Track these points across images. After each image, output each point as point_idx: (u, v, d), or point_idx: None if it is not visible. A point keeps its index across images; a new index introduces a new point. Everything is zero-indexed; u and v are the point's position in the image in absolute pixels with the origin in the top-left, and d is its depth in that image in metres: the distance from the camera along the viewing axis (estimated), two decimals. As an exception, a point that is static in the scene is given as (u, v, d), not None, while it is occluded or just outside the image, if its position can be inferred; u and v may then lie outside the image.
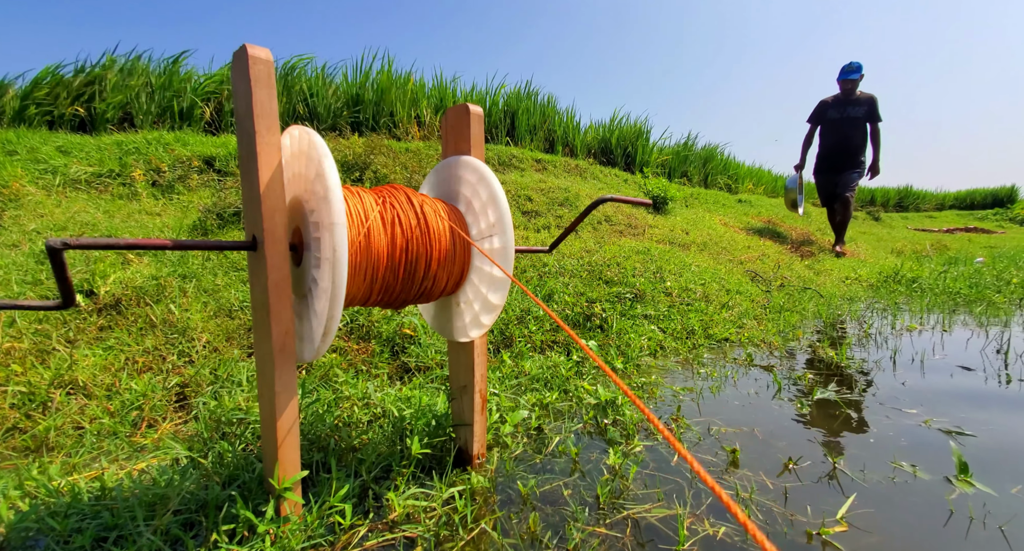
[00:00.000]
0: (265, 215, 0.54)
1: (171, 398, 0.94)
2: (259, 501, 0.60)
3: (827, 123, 4.03)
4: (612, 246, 2.53)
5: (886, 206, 12.18)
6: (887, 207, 12.18)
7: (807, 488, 0.73)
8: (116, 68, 3.71)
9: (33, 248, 1.80)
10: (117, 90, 3.52)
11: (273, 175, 0.54)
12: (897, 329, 1.85)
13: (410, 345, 1.24)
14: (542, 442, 0.87)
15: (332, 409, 0.86)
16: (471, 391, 0.79)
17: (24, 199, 2.36)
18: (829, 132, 4.01)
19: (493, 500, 0.71)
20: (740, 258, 2.90)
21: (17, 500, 0.64)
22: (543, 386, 1.11)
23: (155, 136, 3.08)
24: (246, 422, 0.82)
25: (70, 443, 0.80)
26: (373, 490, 0.68)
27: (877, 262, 4.11)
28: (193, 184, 2.67)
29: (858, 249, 5.15)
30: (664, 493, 0.72)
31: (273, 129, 0.54)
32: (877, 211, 10.87)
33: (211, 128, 3.80)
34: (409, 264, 0.63)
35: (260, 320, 0.58)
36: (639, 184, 4.90)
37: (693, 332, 1.62)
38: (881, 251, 5.74)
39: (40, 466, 0.72)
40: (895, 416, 1.00)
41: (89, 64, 3.68)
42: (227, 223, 2.15)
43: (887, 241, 7.50)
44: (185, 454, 0.72)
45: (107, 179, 2.60)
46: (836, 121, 3.98)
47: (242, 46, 0.52)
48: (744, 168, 8.39)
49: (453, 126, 0.76)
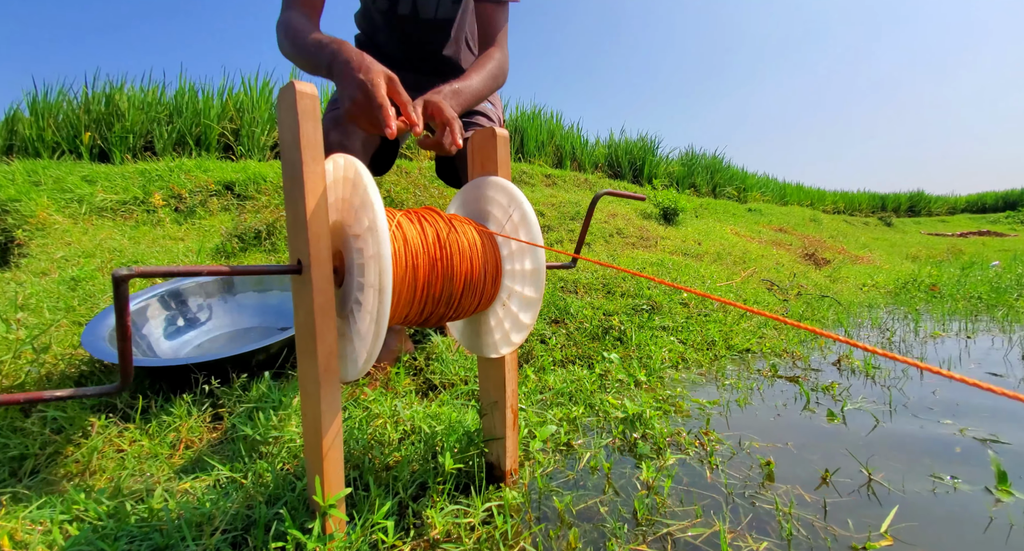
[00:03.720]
0: (311, 240, 0.56)
1: (206, 419, 0.96)
2: (303, 519, 0.61)
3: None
4: (625, 259, 2.54)
5: (898, 211, 12.09)
6: (899, 212, 12.08)
7: (846, 501, 0.73)
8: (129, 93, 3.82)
9: (62, 275, 1.85)
10: (135, 117, 3.63)
11: (318, 202, 0.56)
12: (921, 336, 1.83)
13: (433, 362, 1.25)
14: (573, 457, 0.87)
15: (364, 427, 0.88)
16: (502, 407, 0.79)
17: (51, 228, 2.44)
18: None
19: (529, 517, 0.71)
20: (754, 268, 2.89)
21: (66, 524, 0.65)
22: (568, 400, 1.12)
23: (176, 163, 3.17)
24: (282, 441, 0.83)
25: (112, 466, 0.82)
26: (412, 507, 0.69)
27: (894, 268, 4.07)
28: (213, 209, 2.74)
29: (873, 256, 5.10)
30: (702, 509, 0.71)
31: (318, 158, 0.57)
32: (889, 216, 10.80)
33: (228, 153, 3.90)
34: (445, 286, 0.64)
35: (305, 341, 0.59)
36: (648, 196, 4.92)
37: (713, 343, 1.62)
38: (896, 257, 5.68)
39: (86, 489, 0.73)
40: (929, 426, 0.99)
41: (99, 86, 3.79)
42: (248, 246, 2.19)
43: (901, 246, 7.42)
44: (226, 474, 0.74)
45: (131, 206, 2.67)
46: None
47: (290, 83, 0.55)
48: (752, 178, 8.41)
49: (480, 148, 0.79)
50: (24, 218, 2.51)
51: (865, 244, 6.50)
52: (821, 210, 9.75)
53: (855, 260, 4.36)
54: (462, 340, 0.82)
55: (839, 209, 10.55)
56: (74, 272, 1.87)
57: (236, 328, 1.42)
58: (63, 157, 3.41)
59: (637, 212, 4.08)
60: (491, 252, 0.70)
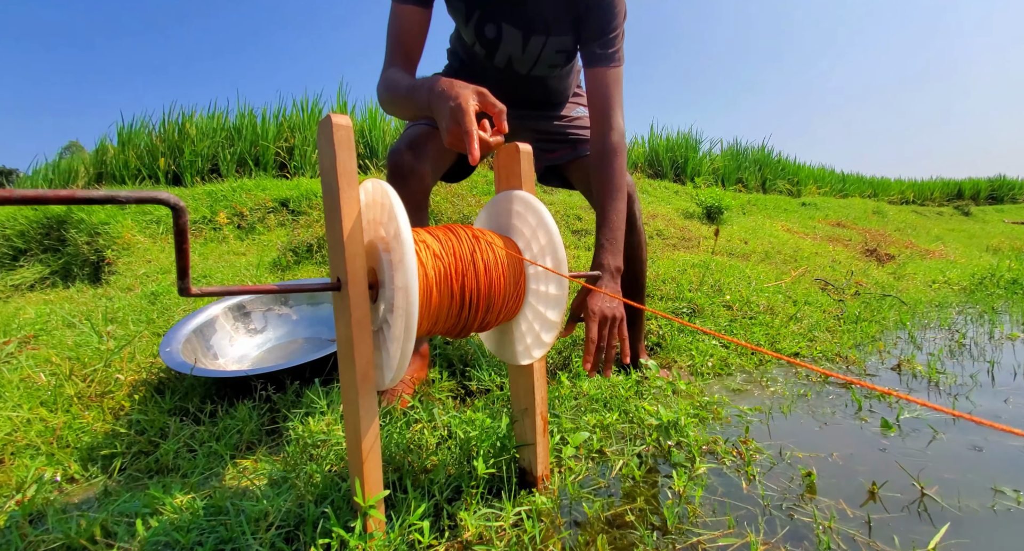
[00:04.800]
0: (348, 260, 0.61)
1: (264, 423, 1.05)
2: (347, 518, 0.66)
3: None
4: (666, 261, 2.50)
5: (976, 199, 11.02)
6: (978, 200, 11.01)
7: (893, 517, 0.69)
8: (197, 121, 4.17)
9: (144, 290, 2.06)
10: (202, 142, 3.96)
11: (354, 225, 0.62)
12: (996, 338, 1.68)
13: (470, 368, 1.29)
14: (605, 464, 0.88)
15: (404, 431, 0.93)
16: (532, 414, 0.82)
17: (134, 247, 2.71)
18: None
19: (559, 522, 0.73)
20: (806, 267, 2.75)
21: (148, 517, 0.74)
22: (602, 407, 1.12)
23: (238, 183, 3.43)
24: (329, 444, 0.89)
25: (185, 464, 0.91)
26: (447, 509, 0.72)
27: (969, 262, 3.73)
28: (271, 224, 2.94)
29: (946, 249, 4.70)
30: (736, 520, 0.70)
31: (353, 184, 0.62)
32: (966, 205, 9.87)
33: (283, 171, 4.17)
34: (473, 298, 0.68)
35: (344, 352, 0.65)
36: (691, 195, 4.78)
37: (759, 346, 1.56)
38: (974, 249, 5.20)
39: (164, 486, 0.83)
40: (995, 436, 0.91)
41: (173, 116, 4.16)
42: (301, 259, 2.34)
43: (980, 237, 6.77)
44: (281, 474, 0.80)
45: (200, 225, 2.92)
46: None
47: (327, 116, 0.61)
48: (805, 169, 7.95)
49: (505, 164, 0.82)
50: (112, 239, 2.81)
51: (938, 236, 5.99)
52: (886, 201, 9.06)
53: (924, 254, 4.03)
54: (493, 348, 0.85)
55: (907, 199, 9.76)
56: (153, 287, 2.08)
57: (291, 338, 1.53)
58: (144, 183, 3.78)
59: (679, 212, 3.98)
60: (515, 269, 0.73)
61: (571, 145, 1.21)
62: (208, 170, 3.94)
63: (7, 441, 1.01)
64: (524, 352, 0.78)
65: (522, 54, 1.08)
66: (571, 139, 1.21)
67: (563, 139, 1.21)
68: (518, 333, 0.79)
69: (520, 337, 0.78)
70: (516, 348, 0.79)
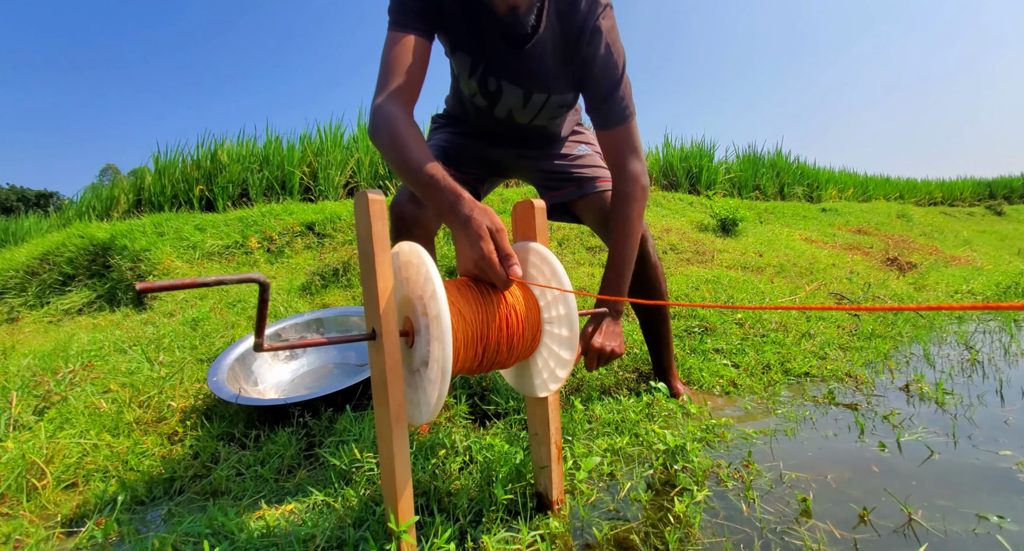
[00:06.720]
0: (383, 315, 0.71)
1: (302, 447, 1.15)
2: (383, 541, 0.75)
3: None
4: (679, 277, 2.54)
5: (1010, 198, 10.65)
6: (1011, 199, 10.63)
7: (880, 540, 0.75)
8: (228, 149, 4.40)
9: (184, 316, 2.21)
10: (233, 169, 4.18)
11: (387, 285, 0.71)
12: (1012, 353, 1.68)
13: (490, 393, 1.38)
14: (614, 488, 0.95)
15: (429, 457, 1.01)
16: (547, 442, 0.90)
17: (173, 272, 2.89)
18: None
19: (571, 544, 0.80)
20: (820, 281, 2.75)
21: (210, 537, 0.84)
22: (614, 430, 1.19)
23: (267, 208, 3.61)
24: (362, 470, 0.99)
25: (235, 487, 1.02)
26: (470, 533, 0.81)
27: (997, 268, 3.66)
28: (298, 248, 3.10)
29: (974, 254, 4.60)
30: (733, 543, 0.77)
31: (386, 249, 0.72)
32: (999, 205, 9.56)
33: (308, 194, 4.35)
34: (495, 347, 0.77)
35: (379, 394, 0.74)
36: (705, 206, 4.80)
37: (769, 367, 1.61)
38: (1005, 253, 5.06)
39: (220, 508, 0.93)
40: (987, 458, 0.95)
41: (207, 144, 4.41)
42: (328, 283, 2.47)
43: (1013, 239, 6.57)
44: (321, 498, 0.90)
45: (233, 249, 3.10)
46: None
47: (363, 191, 0.71)
48: (825, 173, 7.83)
49: (521, 217, 0.92)
50: (153, 265, 3.00)
51: (967, 239, 5.83)
52: (913, 203, 8.85)
53: (949, 261, 3.95)
54: (514, 382, 0.94)
55: (935, 200, 9.51)
56: (193, 313, 2.23)
57: (322, 363, 1.64)
58: (180, 209, 4.01)
59: (693, 225, 4.01)
60: (532, 321, 0.81)
61: (576, 183, 1.27)
62: (238, 195, 4.15)
63: (79, 465, 1.13)
64: (541, 386, 0.86)
65: (523, 108, 1.14)
66: (576, 177, 1.27)
67: (568, 178, 1.27)
68: (535, 369, 0.87)
69: (537, 372, 0.87)
70: (534, 382, 0.88)
